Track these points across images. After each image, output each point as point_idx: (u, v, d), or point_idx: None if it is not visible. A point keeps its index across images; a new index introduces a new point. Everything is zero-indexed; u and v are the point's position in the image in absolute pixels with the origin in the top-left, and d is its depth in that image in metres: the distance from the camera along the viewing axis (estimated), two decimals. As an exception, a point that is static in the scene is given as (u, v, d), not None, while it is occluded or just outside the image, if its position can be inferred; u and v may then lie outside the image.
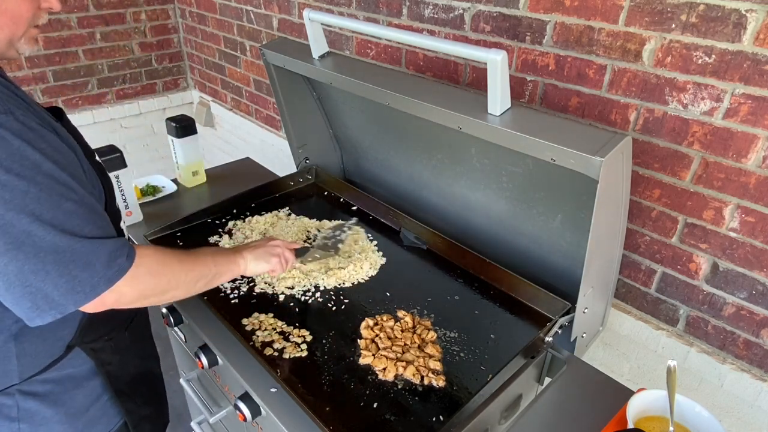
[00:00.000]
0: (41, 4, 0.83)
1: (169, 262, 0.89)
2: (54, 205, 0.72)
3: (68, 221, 0.74)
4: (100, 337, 0.98)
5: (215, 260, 1.00)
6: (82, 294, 0.75)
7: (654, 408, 0.96)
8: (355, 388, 1.02)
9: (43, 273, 0.72)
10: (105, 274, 0.77)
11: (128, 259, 0.80)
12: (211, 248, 1.07)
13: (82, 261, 0.74)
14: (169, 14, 3.02)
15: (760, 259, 1.10)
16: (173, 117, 1.74)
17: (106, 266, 0.77)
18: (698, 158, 1.12)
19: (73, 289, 0.74)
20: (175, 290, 0.91)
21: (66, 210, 0.74)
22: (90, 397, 0.99)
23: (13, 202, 0.69)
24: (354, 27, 1.18)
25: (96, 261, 0.76)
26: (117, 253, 0.78)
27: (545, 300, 1.21)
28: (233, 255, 1.06)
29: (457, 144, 1.30)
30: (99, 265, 0.76)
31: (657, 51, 1.10)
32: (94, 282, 0.76)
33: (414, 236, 1.47)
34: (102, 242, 0.77)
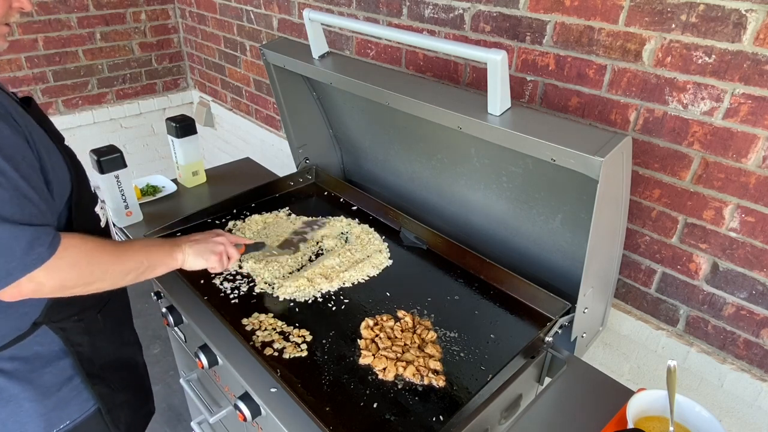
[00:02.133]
0: (12, 4, 0.85)
1: (96, 254, 0.87)
2: None
3: None
4: (69, 316, 0.98)
5: (149, 253, 0.98)
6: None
7: (654, 408, 0.96)
8: (355, 388, 1.02)
9: None
10: (22, 260, 0.75)
11: (49, 248, 0.78)
12: (149, 240, 1.06)
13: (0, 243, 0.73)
14: (169, 14, 3.02)
15: (760, 259, 1.10)
16: (173, 117, 1.73)
17: (25, 253, 0.75)
18: (698, 158, 1.12)
19: None
20: (100, 282, 0.89)
21: None
22: (60, 377, 0.99)
23: None
24: (354, 27, 1.18)
25: (15, 247, 0.74)
26: (38, 242, 0.77)
27: (545, 300, 1.21)
28: (170, 248, 1.04)
29: (457, 144, 1.30)
30: (17, 251, 0.74)
31: (657, 51, 1.10)
32: (9, 268, 0.75)
33: (414, 236, 1.47)
34: (23, 228, 0.75)
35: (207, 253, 1.08)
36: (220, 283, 1.27)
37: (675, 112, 1.12)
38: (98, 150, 1.47)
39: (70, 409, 1.02)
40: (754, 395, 1.18)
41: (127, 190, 1.52)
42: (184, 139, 1.73)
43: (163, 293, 1.31)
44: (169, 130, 1.73)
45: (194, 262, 1.07)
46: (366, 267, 1.34)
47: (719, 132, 1.07)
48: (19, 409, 0.96)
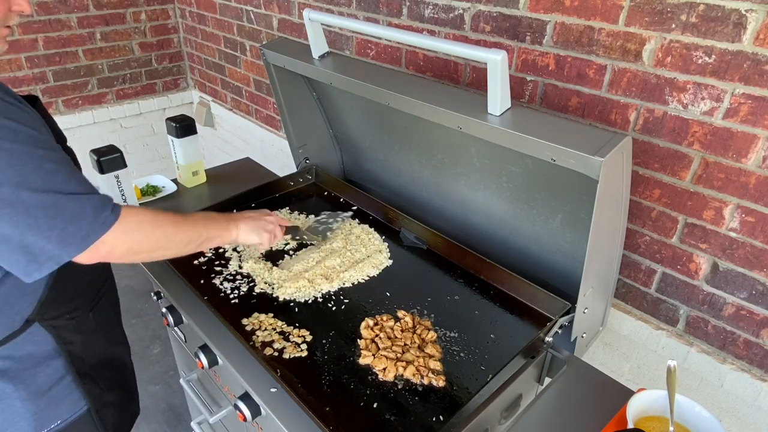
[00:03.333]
0: (12, 7, 0.86)
1: (159, 222, 0.92)
2: (36, 166, 0.77)
3: (51, 180, 0.78)
4: (62, 314, 0.99)
5: (207, 225, 1.03)
6: (74, 245, 0.80)
7: (654, 408, 0.96)
8: (355, 388, 1.02)
9: (36, 228, 0.77)
10: (92, 225, 0.81)
11: (113, 213, 0.83)
12: (206, 213, 1.09)
13: (69, 215, 0.79)
14: (169, 14, 3.02)
15: (760, 259, 1.10)
16: (173, 117, 1.74)
17: (93, 219, 0.81)
18: (698, 158, 1.12)
19: (65, 241, 0.79)
20: (164, 249, 0.94)
21: (48, 170, 0.78)
22: (52, 376, 1.00)
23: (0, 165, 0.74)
24: (354, 27, 1.18)
25: (82, 214, 0.80)
26: (102, 208, 0.82)
27: (545, 300, 1.21)
28: (227, 222, 1.09)
29: (457, 144, 1.30)
30: (85, 218, 0.80)
31: (657, 51, 1.10)
32: (83, 234, 0.80)
33: (414, 236, 1.47)
34: (87, 197, 0.81)
35: (260, 230, 1.14)
36: (220, 283, 1.27)
37: (675, 112, 1.12)
38: (98, 150, 1.47)
39: (61, 408, 1.03)
40: (754, 395, 1.18)
41: (127, 190, 1.52)
42: (184, 139, 1.73)
43: (163, 293, 1.31)
44: (169, 130, 1.73)
45: (247, 237, 1.12)
46: (366, 267, 1.34)
47: (719, 132, 1.07)
48: (10, 408, 0.97)
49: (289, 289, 1.25)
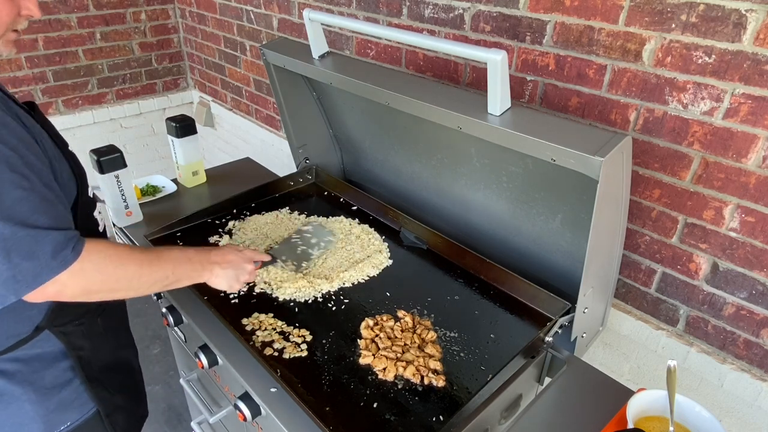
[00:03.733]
0: (21, 11, 0.84)
1: (123, 261, 0.87)
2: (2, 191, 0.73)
3: (15, 208, 0.73)
4: (71, 321, 0.99)
5: (177, 267, 0.97)
6: (23, 283, 0.75)
7: (654, 408, 0.96)
8: (355, 388, 1.02)
9: None
10: (48, 264, 0.76)
11: (74, 251, 0.79)
12: (181, 251, 1.01)
13: (26, 249, 0.74)
14: (169, 14, 3.02)
15: (760, 259, 1.10)
16: (173, 117, 1.73)
17: (51, 257, 0.76)
18: (698, 158, 1.12)
19: (14, 278, 0.74)
20: (125, 291, 0.89)
21: (14, 197, 0.74)
22: (60, 378, 1.00)
23: None
24: (354, 27, 1.18)
25: (40, 251, 0.75)
26: (63, 245, 0.77)
27: (545, 300, 1.21)
28: (201, 265, 1.03)
29: (457, 144, 1.30)
30: (43, 255, 0.75)
31: (657, 51, 1.10)
32: (36, 271, 0.75)
33: (414, 236, 1.47)
34: (48, 232, 0.76)
35: (233, 280, 1.08)
36: (220, 283, 1.27)
37: (675, 112, 1.12)
38: (98, 150, 1.47)
39: (70, 411, 1.02)
40: (754, 395, 1.18)
41: (127, 190, 1.52)
42: (184, 139, 1.73)
43: (163, 293, 1.31)
44: (169, 130, 1.73)
45: (218, 282, 1.07)
46: (366, 267, 1.34)
47: (719, 132, 1.07)
48: (19, 410, 0.96)
49: (289, 289, 1.25)
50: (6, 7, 0.81)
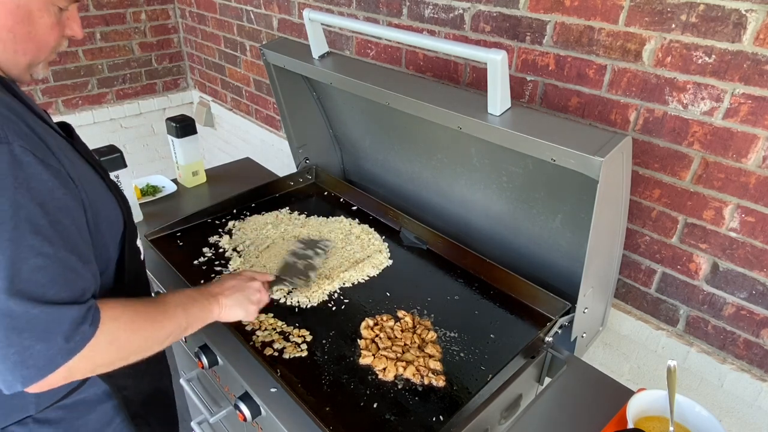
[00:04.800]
0: (65, 32, 0.82)
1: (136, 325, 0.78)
2: (19, 258, 0.63)
3: (32, 280, 0.65)
4: None
5: (186, 312, 0.89)
6: (34, 369, 0.65)
7: (654, 408, 0.96)
8: (355, 388, 1.02)
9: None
10: (65, 345, 0.67)
11: (92, 326, 0.70)
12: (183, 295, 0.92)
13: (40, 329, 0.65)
14: (169, 14, 3.02)
15: (760, 259, 1.10)
16: (173, 117, 1.74)
17: (68, 337, 0.67)
18: (698, 158, 1.12)
19: (23, 363, 0.64)
20: (135, 356, 0.80)
21: (32, 266, 0.65)
22: (102, 420, 0.95)
23: None
24: (354, 27, 1.18)
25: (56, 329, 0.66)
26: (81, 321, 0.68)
27: (545, 300, 1.21)
28: (207, 301, 0.95)
29: (457, 144, 1.30)
30: (59, 335, 0.66)
31: (657, 51, 1.10)
32: (51, 355, 0.66)
33: (414, 236, 1.47)
34: (66, 309, 0.67)
35: (245, 302, 1.00)
36: (220, 283, 1.27)
37: (675, 112, 1.12)
38: (98, 150, 1.47)
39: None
40: (754, 395, 1.18)
41: (127, 190, 1.52)
42: (184, 139, 1.73)
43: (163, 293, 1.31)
44: (169, 130, 1.73)
45: (231, 313, 0.98)
46: (366, 267, 1.34)
47: (719, 132, 1.07)
48: None
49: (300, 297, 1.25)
50: (54, 32, 0.78)
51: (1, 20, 0.73)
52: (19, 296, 0.63)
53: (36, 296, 0.65)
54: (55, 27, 0.78)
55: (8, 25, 0.73)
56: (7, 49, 0.75)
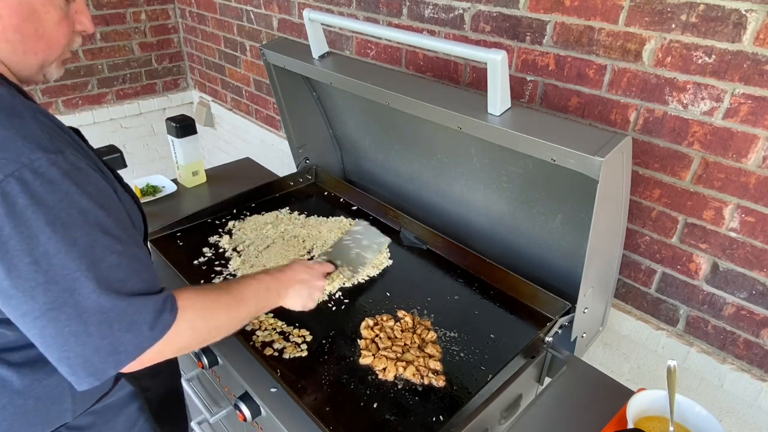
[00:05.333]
0: (75, 27, 0.80)
1: (213, 314, 0.82)
2: (98, 259, 0.67)
3: (112, 277, 0.68)
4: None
5: (258, 299, 0.94)
6: (124, 355, 0.70)
7: (654, 408, 0.96)
8: (355, 388, 1.02)
9: (84, 336, 0.66)
10: (150, 333, 0.71)
11: (171, 314, 0.74)
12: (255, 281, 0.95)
13: (127, 321, 0.69)
14: (169, 14, 3.02)
15: (760, 259, 1.10)
16: (173, 117, 1.74)
17: (152, 325, 0.71)
18: (698, 158, 1.12)
19: (116, 351, 0.69)
20: (213, 339, 0.84)
21: (110, 264, 0.68)
22: (128, 423, 0.96)
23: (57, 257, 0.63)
24: (354, 27, 1.18)
25: (140, 320, 0.70)
26: (161, 310, 0.72)
27: (545, 300, 1.21)
28: (278, 293, 0.99)
29: (457, 144, 1.30)
30: (144, 324, 0.70)
31: (657, 51, 1.10)
32: (138, 341, 0.70)
33: (414, 236, 1.47)
34: (147, 299, 0.71)
35: (307, 299, 1.05)
36: (220, 283, 1.27)
37: (675, 112, 1.12)
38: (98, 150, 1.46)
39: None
40: (754, 395, 1.18)
41: (127, 190, 1.52)
42: (184, 139, 1.73)
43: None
44: (169, 130, 1.73)
45: (292, 304, 1.03)
46: (366, 267, 1.34)
47: (719, 132, 1.07)
48: None
49: None
50: (63, 27, 0.77)
51: (6, 20, 0.70)
52: (107, 293, 0.67)
53: (119, 290, 0.68)
54: (62, 22, 0.76)
55: (14, 25, 0.71)
56: (16, 50, 0.74)
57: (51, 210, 0.63)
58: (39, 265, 0.63)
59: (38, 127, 0.67)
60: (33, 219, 0.62)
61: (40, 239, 0.62)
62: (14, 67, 0.76)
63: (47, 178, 0.64)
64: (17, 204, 0.62)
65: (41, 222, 0.63)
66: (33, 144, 0.65)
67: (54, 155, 0.65)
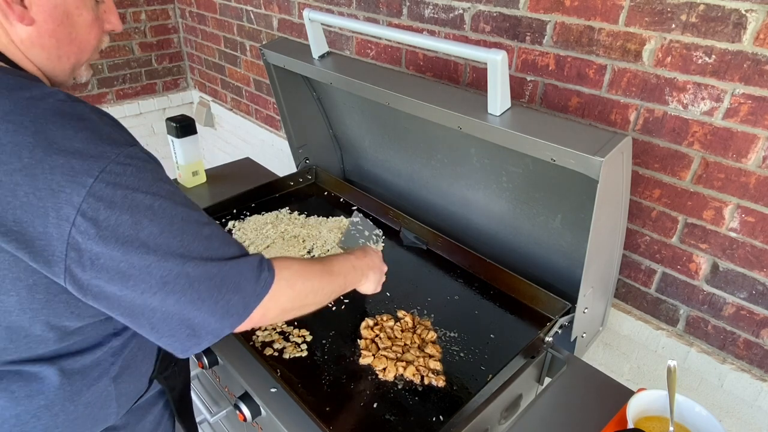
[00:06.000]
0: (104, 26, 0.80)
1: (308, 276, 0.86)
2: (196, 232, 0.71)
3: (211, 246, 0.72)
4: (170, 364, 0.97)
5: (347, 275, 0.98)
6: (236, 315, 0.74)
7: (654, 408, 0.96)
8: (355, 388, 1.02)
9: (199, 302, 0.70)
10: (254, 291, 0.75)
11: (270, 271, 0.77)
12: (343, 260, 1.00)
13: (233, 282, 0.73)
14: (169, 14, 3.02)
15: (760, 259, 1.10)
16: (173, 117, 1.73)
17: (255, 283, 0.75)
18: (698, 158, 1.12)
19: (228, 312, 0.73)
20: (311, 304, 0.88)
21: (206, 235, 0.72)
22: (155, 420, 0.98)
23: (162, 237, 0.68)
24: (354, 27, 1.18)
25: (244, 280, 0.74)
26: (259, 269, 0.76)
27: (545, 300, 1.21)
28: (361, 272, 1.04)
29: (457, 144, 1.30)
30: (247, 283, 0.74)
31: (657, 51, 1.10)
32: (246, 301, 0.74)
33: (414, 236, 1.47)
34: (245, 260, 0.75)
35: (377, 284, 1.10)
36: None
37: (675, 112, 1.12)
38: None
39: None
40: (754, 395, 1.18)
41: (127, 190, 1.52)
42: (184, 139, 1.73)
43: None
44: (169, 130, 1.73)
45: (367, 288, 1.08)
46: None
47: (719, 132, 1.07)
48: None
49: None
50: (95, 28, 0.77)
51: (42, 25, 0.71)
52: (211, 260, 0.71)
53: (221, 256, 0.73)
54: (94, 23, 0.77)
55: (50, 30, 0.72)
56: (51, 55, 0.74)
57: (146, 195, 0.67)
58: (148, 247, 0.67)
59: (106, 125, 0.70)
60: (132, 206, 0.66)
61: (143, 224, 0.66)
62: (49, 72, 0.77)
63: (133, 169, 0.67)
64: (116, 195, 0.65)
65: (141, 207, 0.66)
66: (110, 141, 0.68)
67: (131, 147, 0.69)
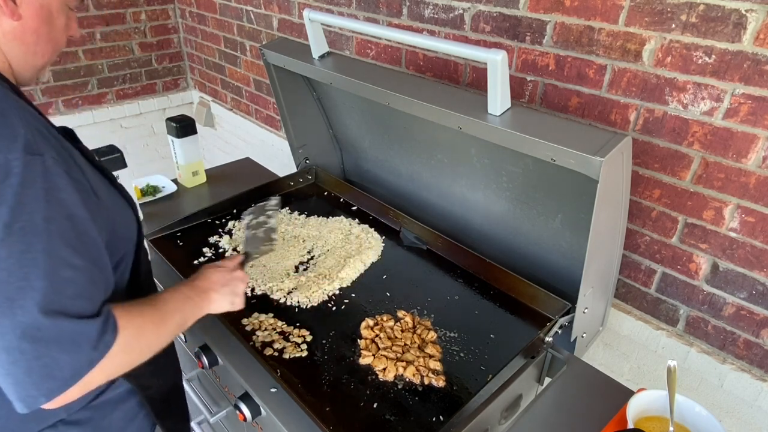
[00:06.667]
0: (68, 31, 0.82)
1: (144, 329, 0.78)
2: (53, 271, 0.63)
3: (62, 293, 0.64)
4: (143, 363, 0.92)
5: (183, 310, 0.89)
6: (60, 380, 0.64)
7: (654, 408, 0.96)
8: (355, 388, 1.02)
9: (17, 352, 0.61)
10: (91, 355, 0.66)
11: (112, 333, 0.69)
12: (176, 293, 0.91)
13: (67, 341, 0.64)
14: (169, 14, 3.02)
15: (760, 259, 1.10)
16: (173, 117, 1.74)
17: (94, 347, 0.66)
18: (698, 158, 1.12)
19: (50, 375, 0.63)
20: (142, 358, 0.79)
21: (63, 278, 0.65)
22: (126, 418, 0.96)
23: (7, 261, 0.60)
24: (354, 27, 1.18)
25: (83, 341, 0.65)
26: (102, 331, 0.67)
27: (545, 300, 1.21)
28: (200, 299, 0.95)
29: (457, 144, 1.30)
30: (86, 345, 0.65)
31: (657, 51, 1.10)
32: (76, 366, 0.65)
33: (414, 236, 1.47)
34: (92, 320, 0.67)
35: (232, 296, 1.01)
36: (220, 283, 1.27)
37: (675, 112, 1.12)
38: (98, 150, 1.47)
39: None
40: (754, 395, 1.18)
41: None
42: (184, 139, 1.73)
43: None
44: (169, 130, 1.73)
45: (219, 307, 0.99)
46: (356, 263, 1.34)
47: (719, 132, 1.07)
48: None
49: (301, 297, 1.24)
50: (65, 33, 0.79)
51: (27, 22, 0.73)
52: (51, 311, 0.63)
53: (65, 310, 0.64)
54: (66, 27, 0.80)
55: (34, 27, 0.74)
56: (28, 51, 0.76)
57: (12, 211, 0.61)
58: None
59: (22, 126, 0.66)
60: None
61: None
62: (20, 68, 0.77)
63: (18, 180, 0.62)
64: None
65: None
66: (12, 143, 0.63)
67: (31, 157, 0.64)
